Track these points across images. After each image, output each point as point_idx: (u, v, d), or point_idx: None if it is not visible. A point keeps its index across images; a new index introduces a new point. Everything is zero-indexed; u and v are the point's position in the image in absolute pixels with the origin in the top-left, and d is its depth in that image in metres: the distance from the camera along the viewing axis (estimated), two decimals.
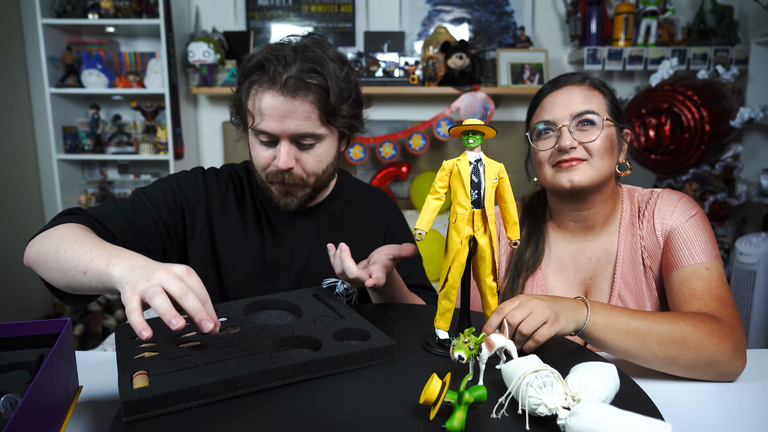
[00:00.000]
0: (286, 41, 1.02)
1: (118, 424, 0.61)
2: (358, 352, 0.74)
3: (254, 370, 0.67)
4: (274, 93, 0.97)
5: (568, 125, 1.02)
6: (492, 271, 0.78)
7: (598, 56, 2.96)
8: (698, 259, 0.99)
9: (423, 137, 2.99)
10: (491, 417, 0.61)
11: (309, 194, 1.09)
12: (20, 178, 3.16)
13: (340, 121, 1.02)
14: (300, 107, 0.97)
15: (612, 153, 1.04)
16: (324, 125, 1.00)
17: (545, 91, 1.08)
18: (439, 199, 0.76)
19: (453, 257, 0.76)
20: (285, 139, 1.00)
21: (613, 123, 1.04)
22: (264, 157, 1.03)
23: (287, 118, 0.97)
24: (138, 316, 0.64)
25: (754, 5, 2.88)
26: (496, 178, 0.76)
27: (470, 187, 0.74)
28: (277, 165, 1.01)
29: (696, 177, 2.82)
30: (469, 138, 0.74)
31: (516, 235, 0.79)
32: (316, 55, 0.98)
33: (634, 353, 0.85)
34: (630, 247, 1.09)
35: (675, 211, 1.05)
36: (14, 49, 3.11)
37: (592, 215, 1.10)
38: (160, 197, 1.08)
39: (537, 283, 1.14)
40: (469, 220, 0.75)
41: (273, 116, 0.97)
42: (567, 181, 1.03)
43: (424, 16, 3.22)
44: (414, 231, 0.75)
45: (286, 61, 0.97)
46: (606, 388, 0.61)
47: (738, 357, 0.86)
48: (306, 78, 0.96)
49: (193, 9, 3.19)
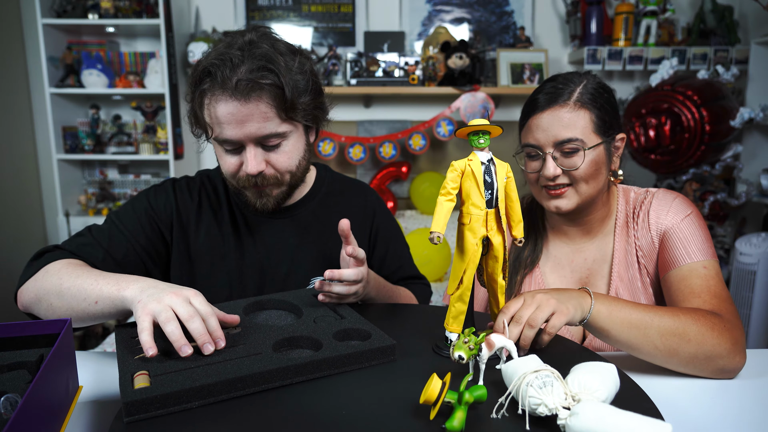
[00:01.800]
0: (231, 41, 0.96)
1: (118, 424, 0.61)
2: (358, 352, 0.74)
3: (255, 371, 0.68)
4: (228, 99, 0.92)
5: (551, 153, 1.01)
6: (502, 270, 0.78)
7: (598, 56, 2.96)
8: (695, 257, 0.99)
9: (423, 137, 2.99)
10: (491, 417, 0.61)
11: (285, 192, 1.05)
12: (20, 178, 3.16)
13: (300, 114, 0.98)
14: (256, 109, 0.93)
15: (598, 174, 1.03)
16: (285, 122, 0.97)
17: (531, 110, 1.05)
18: (452, 201, 0.75)
19: (469, 259, 0.75)
20: (249, 144, 0.96)
21: (600, 140, 1.02)
22: (232, 164, 0.99)
23: (246, 122, 0.93)
24: (147, 336, 0.71)
25: (754, 5, 2.88)
26: (505, 178, 0.76)
27: (484, 188, 0.74)
28: (247, 171, 0.97)
29: (696, 177, 2.82)
30: (479, 138, 0.74)
31: (521, 234, 0.80)
32: (264, 51, 0.94)
33: (636, 344, 0.86)
34: (625, 247, 1.10)
35: (670, 210, 1.05)
36: (14, 49, 3.11)
37: (587, 222, 1.12)
38: (135, 221, 1.05)
39: (535, 280, 1.14)
40: (484, 220, 0.75)
41: (231, 123, 0.93)
42: (554, 206, 1.05)
43: (424, 16, 3.22)
44: (431, 234, 0.73)
45: (233, 62, 0.92)
46: (606, 388, 0.61)
47: (737, 352, 0.87)
48: (257, 78, 0.91)
49: (193, 9, 3.19)
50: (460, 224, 0.76)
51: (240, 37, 0.96)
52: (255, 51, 0.93)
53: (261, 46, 0.94)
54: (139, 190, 3.21)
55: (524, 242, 1.15)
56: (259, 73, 0.92)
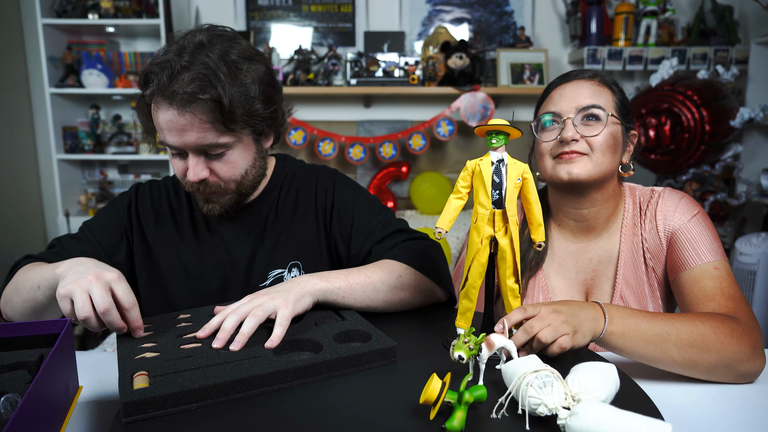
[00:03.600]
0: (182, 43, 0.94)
1: (118, 425, 0.61)
2: (359, 354, 0.74)
3: (255, 373, 0.67)
4: (167, 107, 0.91)
5: (572, 118, 1.02)
6: (513, 273, 0.77)
7: (598, 56, 2.96)
8: (705, 258, 0.98)
9: (423, 137, 2.99)
10: (491, 417, 0.61)
11: (233, 199, 1.04)
12: (20, 178, 3.16)
13: (242, 125, 0.95)
14: (195, 120, 0.91)
15: (615, 151, 1.03)
16: (226, 134, 0.94)
17: (555, 84, 1.08)
18: (461, 199, 0.75)
19: (473, 257, 0.75)
20: (191, 152, 0.95)
21: (619, 121, 1.04)
22: (180, 168, 0.99)
23: (185, 131, 0.92)
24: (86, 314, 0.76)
25: (754, 5, 2.88)
26: (519, 179, 0.75)
27: (491, 187, 0.74)
28: (188, 178, 0.97)
29: (696, 177, 2.82)
30: (492, 138, 0.73)
31: (540, 237, 0.78)
32: (206, 61, 0.91)
33: (652, 359, 0.84)
34: (632, 248, 1.08)
35: (677, 211, 1.04)
36: (14, 49, 3.11)
37: (593, 215, 1.09)
38: (103, 229, 1.07)
39: (539, 283, 1.13)
40: (490, 220, 0.74)
41: (172, 130, 0.93)
42: (566, 173, 1.02)
43: (424, 16, 3.22)
44: (434, 229, 0.75)
45: (174, 69, 0.90)
46: (606, 388, 0.61)
47: (758, 356, 0.85)
48: (194, 91, 0.89)
49: (193, 9, 3.19)
50: (472, 223, 0.77)
51: (192, 38, 0.94)
52: (198, 58, 0.91)
53: (208, 53, 0.91)
54: None
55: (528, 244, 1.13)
56: (197, 85, 0.89)
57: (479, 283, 0.77)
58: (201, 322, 0.82)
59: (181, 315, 0.89)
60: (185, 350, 0.74)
